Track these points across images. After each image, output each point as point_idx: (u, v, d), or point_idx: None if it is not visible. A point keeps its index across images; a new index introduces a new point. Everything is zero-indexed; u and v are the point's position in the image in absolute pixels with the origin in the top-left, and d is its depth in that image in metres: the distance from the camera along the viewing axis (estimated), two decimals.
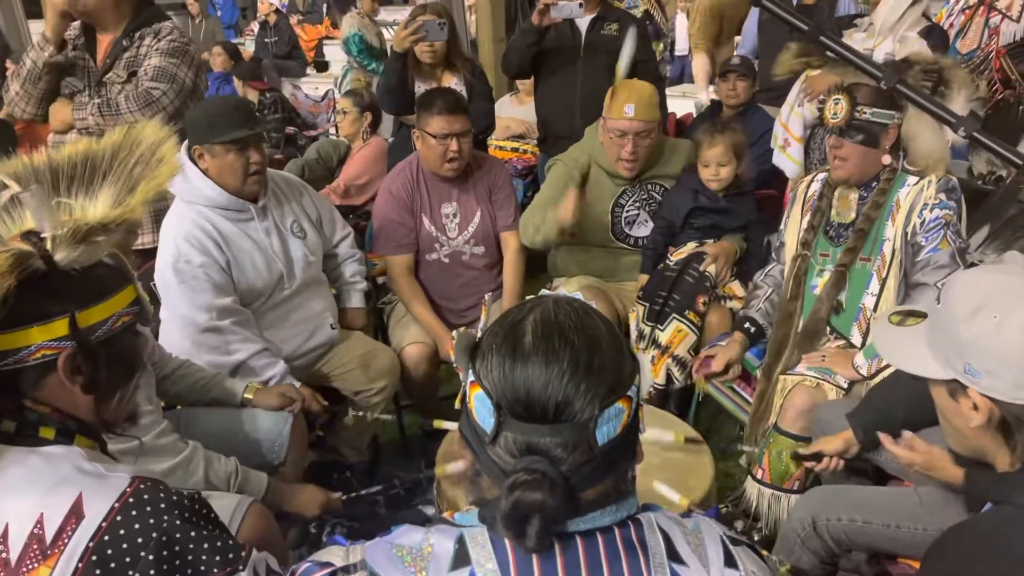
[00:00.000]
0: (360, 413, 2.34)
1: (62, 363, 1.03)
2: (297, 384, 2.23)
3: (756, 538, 1.85)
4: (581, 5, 3.10)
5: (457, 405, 0.89)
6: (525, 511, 0.79)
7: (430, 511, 2.36)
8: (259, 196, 2.28)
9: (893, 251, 2.15)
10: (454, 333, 0.91)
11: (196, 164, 2.18)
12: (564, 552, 0.83)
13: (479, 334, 0.91)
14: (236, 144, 2.14)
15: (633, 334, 2.64)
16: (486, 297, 1.19)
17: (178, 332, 2.16)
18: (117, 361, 1.10)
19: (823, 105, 2.16)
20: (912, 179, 2.15)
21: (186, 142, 2.22)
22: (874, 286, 2.18)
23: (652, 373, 2.58)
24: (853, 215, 2.23)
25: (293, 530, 2.03)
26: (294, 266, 2.34)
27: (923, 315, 1.31)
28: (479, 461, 0.86)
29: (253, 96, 5.66)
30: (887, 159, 2.16)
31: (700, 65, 4.71)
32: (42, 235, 1.00)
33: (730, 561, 0.88)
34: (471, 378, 0.87)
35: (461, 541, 0.84)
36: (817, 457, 1.92)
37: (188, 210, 2.19)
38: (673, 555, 0.85)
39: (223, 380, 2.09)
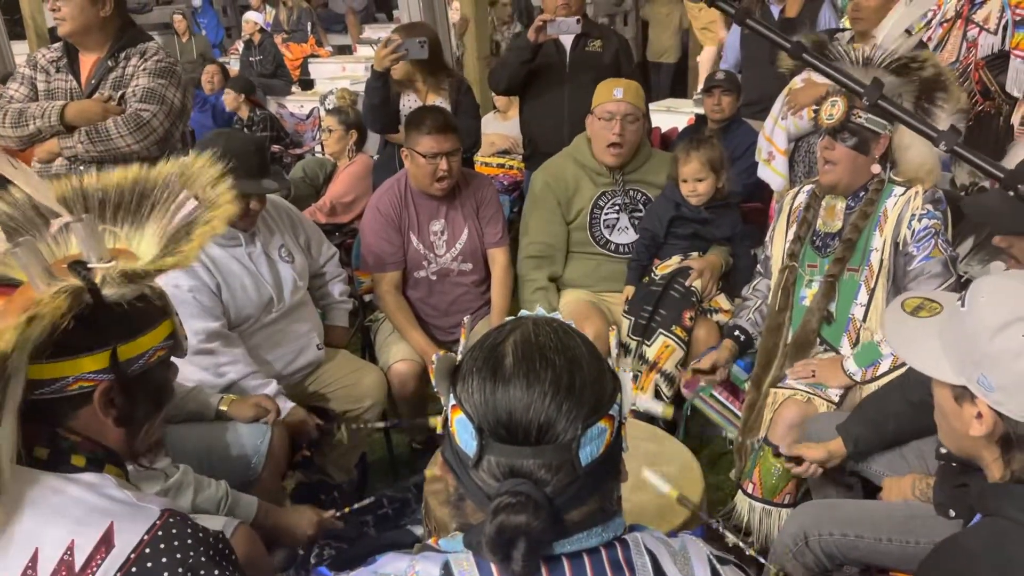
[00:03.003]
0: (354, 426, 2.33)
1: (98, 396, 1.03)
2: (291, 404, 2.21)
3: (747, 553, 1.84)
4: (579, 21, 3.11)
5: (439, 429, 0.88)
6: (510, 534, 0.78)
7: (419, 531, 2.34)
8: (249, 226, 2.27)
9: (881, 261, 2.16)
10: (434, 357, 0.89)
11: None
12: (551, 574, 0.82)
13: (459, 357, 0.90)
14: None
15: (613, 351, 2.64)
16: (465, 320, 1.17)
17: None
18: (150, 394, 1.11)
19: (819, 107, 2.17)
20: (899, 189, 2.16)
21: None
22: (863, 296, 2.18)
23: (641, 389, 2.58)
24: (839, 224, 2.24)
25: (280, 553, 2.00)
26: (283, 290, 2.33)
27: (938, 305, 1.24)
28: (463, 485, 0.85)
29: (245, 111, 5.65)
30: (876, 168, 2.17)
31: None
32: (88, 266, 1.00)
33: None
34: (452, 402, 0.86)
35: (447, 567, 0.83)
36: (798, 460, 1.92)
37: None
38: (660, 575, 0.85)
39: (199, 393, 2.07)
